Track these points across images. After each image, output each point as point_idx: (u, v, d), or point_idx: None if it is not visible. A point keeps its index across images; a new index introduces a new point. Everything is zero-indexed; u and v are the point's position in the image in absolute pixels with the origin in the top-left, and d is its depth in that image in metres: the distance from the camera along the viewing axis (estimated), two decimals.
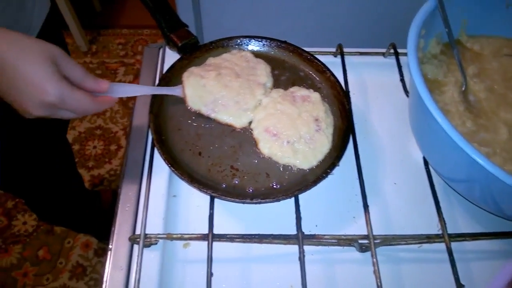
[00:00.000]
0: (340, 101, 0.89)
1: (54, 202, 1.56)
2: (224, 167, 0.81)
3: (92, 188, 2.25)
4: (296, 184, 0.79)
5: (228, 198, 0.73)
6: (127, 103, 2.60)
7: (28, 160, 1.25)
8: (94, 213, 1.88)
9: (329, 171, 0.77)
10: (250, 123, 0.86)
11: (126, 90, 0.76)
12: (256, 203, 0.74)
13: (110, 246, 0.76)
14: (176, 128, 0.85)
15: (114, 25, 3.07)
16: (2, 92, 0.62)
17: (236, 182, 0.79)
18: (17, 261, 1.99)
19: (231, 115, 0.85)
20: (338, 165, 0.78)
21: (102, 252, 2.04)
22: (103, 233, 1.96)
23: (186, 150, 0.82)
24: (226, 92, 0.85)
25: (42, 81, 0.60)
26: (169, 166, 0.76)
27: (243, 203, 0.76)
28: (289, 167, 0.81)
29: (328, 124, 0.85)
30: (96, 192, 2.13)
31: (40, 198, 1.50)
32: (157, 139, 0.80)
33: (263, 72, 0.90)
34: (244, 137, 0.85)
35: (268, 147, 0.82)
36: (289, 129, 0.82)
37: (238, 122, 0.85)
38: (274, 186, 0.79)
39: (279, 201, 0.75)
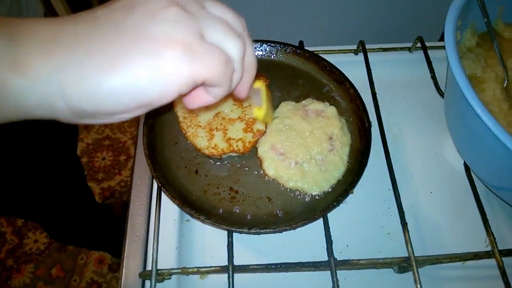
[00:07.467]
0: (359, 118, 0.79)
1: (65, 221, 1.48)
2: (223, 188, 0.73)
3: (103, 201, 2.19)
4: (302, 212, 0.70)
5: (223, 226, 0.65)
6: None
7: (37, 180, 1.18)
8: (106, 229, 1.81)
9: (341, 199, 0.68)
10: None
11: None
12: (255, 233, 0.66)
13: (119, 283, 0.68)
14: (173, 142, 0.77)
15: None
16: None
17: (235, 207, 0.71)
18: (30, 281, 1.93)
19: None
20: (352, 193, 0.70)
21: (117, 267, 1.97)
22: (118, 248, 1.89)
23: (182, 167, 0.75)
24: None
25: None
26: (159, 186, 0.68)
27: (240, 232, 0.68)
28: (296, 192, 0.72)
29: (343, 143, 0.75)
30: (107, 205, 2.06)
31: (50, 217, 1.42)
32: (149, 155, 0.72)
33: None
34: (247, 155, 0.76)
35: (273, 167, 0.73)
36: (298, 148, 0.74)
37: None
38: (277, 214, 0.70)
39: (280, 232, 0.68)
